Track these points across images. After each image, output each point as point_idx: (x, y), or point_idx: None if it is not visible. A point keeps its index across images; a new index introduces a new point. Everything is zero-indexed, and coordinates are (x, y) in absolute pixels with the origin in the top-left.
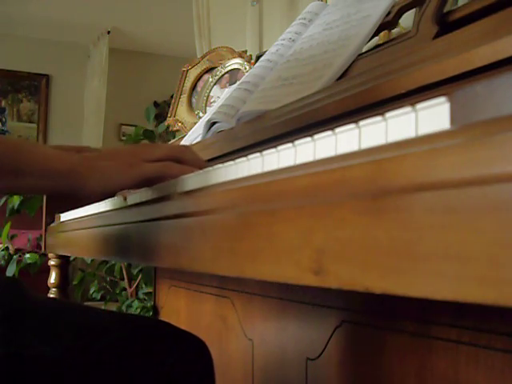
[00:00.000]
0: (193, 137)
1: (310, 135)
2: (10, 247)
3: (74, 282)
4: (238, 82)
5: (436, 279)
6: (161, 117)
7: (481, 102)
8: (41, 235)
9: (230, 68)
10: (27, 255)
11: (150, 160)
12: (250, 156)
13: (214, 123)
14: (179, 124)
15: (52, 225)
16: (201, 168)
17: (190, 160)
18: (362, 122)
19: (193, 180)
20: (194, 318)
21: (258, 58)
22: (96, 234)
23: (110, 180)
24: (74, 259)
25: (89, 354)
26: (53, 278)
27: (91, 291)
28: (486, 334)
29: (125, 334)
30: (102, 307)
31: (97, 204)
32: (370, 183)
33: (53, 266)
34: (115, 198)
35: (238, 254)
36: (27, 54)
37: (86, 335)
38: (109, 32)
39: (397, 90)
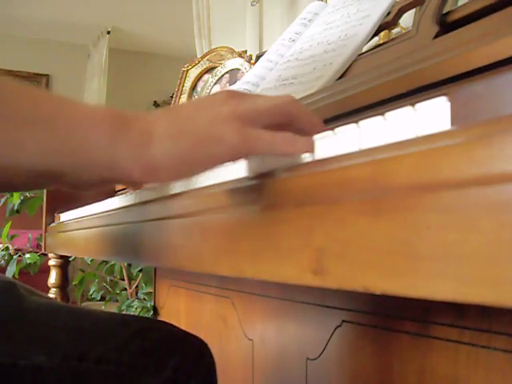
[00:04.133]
0: None
1: None
2: (10, 247)
3: (74, 282)
4: (238, 82)
5: (436, 279)
6: None
7: (481, 101)
8: (41, 235)
9: (229, 68)
10: (27, 255)
11: (254, 124)
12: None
13: None
14: None
15: (52, 225)
16: (319, 131)
17: (304, 119)
18: (361, 122)
19: (190, 181)
20: (194, 318)
21: (258, 57)
22: (96, 234)
23: (193, 167)
24: (74, 259)
25: (88, 361)
26: (53, 277)
27: (91, 291)
28: (486, 334)
29: (126, 337)
30: (102, 307)
31: (96, 204)
32: (370, 183)
33: (53, 266)
34: (115, 197)
35: (237, 254)
36: (27, 53)
37: (85, 340)
38: (109, 32)
39: (397, 90)
